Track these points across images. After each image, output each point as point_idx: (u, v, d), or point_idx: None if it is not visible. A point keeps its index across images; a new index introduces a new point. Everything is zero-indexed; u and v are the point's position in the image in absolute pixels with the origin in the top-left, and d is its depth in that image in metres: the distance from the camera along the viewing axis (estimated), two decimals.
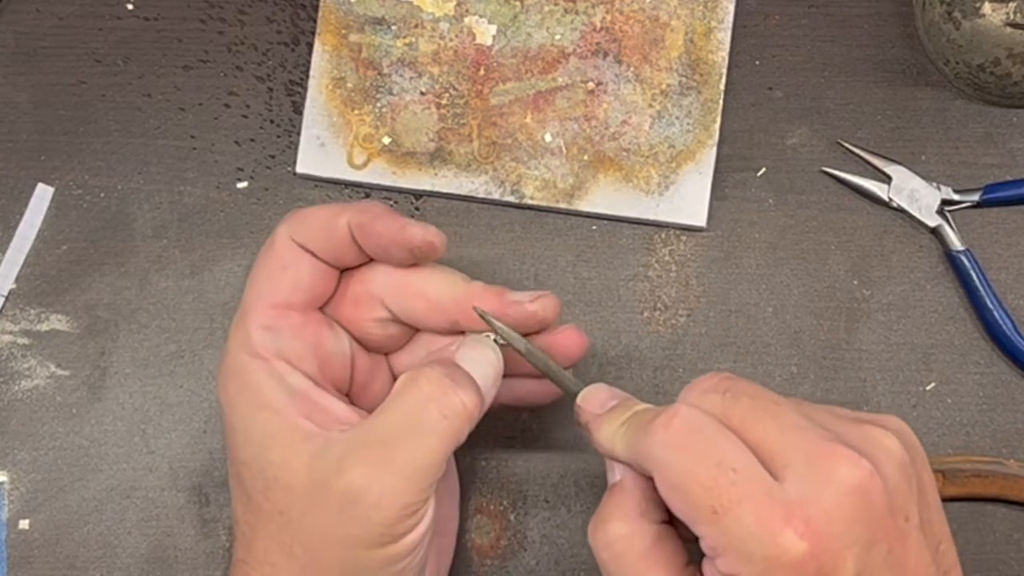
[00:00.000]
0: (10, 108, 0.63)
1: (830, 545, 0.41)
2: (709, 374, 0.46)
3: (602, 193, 0.61)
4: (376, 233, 0.51)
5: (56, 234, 0.62)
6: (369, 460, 0.47)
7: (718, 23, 0.62)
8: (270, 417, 0.48)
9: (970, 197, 0.62)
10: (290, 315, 0.51)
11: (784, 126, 0.63)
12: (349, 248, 0.51)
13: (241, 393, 0.49)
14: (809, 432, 0.43)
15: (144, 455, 0.61)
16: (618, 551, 0.46)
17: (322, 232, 0.51)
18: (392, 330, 0.53)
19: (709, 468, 0.42)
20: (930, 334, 0.62)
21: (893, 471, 0.43)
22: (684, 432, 0.43)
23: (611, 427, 0.47)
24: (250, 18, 0.63)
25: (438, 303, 0.51)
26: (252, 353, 0.49)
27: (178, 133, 0.63)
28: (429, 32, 0.62)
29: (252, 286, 0.51)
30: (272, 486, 0.48)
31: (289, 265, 0.51)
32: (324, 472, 0.47)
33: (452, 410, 0.47)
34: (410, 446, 0.47)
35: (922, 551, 0.44)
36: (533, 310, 0.51)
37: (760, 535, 0.41)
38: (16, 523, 0.61)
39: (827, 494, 0.42)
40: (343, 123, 0.62)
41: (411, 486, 0.47)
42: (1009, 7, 0.59)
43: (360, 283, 0.52)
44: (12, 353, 0.61)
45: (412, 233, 0.50)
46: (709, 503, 0.42)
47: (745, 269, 0.62)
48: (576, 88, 0.62)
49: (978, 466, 0.60)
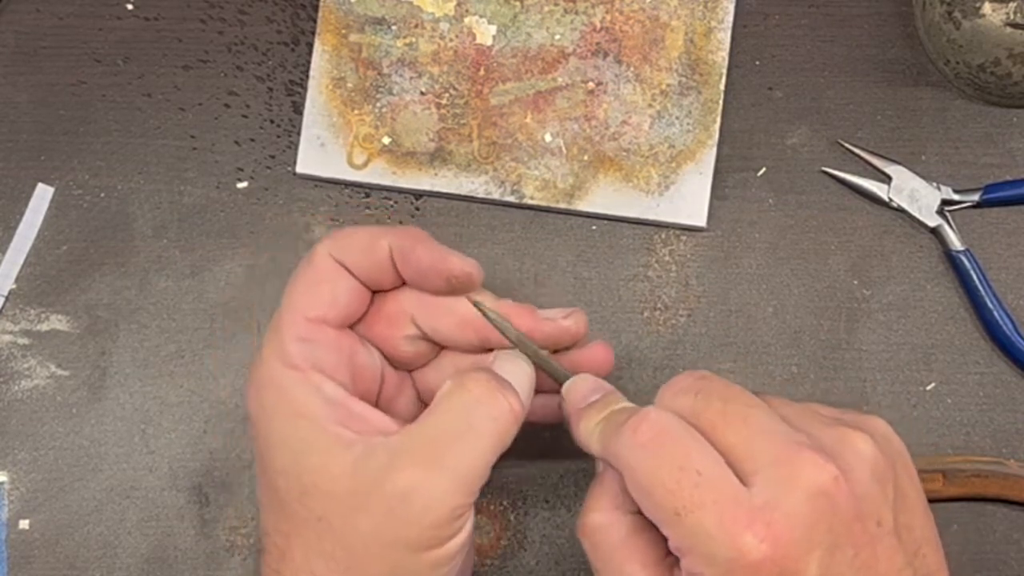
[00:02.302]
0: (10, 108, 0.63)
1: (791, 549, 0.42)
2: (685, 373, 0.47)
3: (602, 193, 0.61)
4: (416, 260, 0.51)
5: (56, 234, 0.62)
6: (419, 462, 0.47)
7: (718, 23, 0.62)
8: (307, 425, 0.48)
9: (970, 197, 0.62)
10: (325, 329, 0.50)
11: (784, 126, 0.63)
12: (387, 271, 0.52)
13: (277, 402, 0.49)
14: (778, 436, 0.43)
15: (144, 455, 0.61)
16: (597, 540, 0.47)
17: (362, 253, 0.51)
18: (421, 347, 0.53)
19: (672, 471, 0.43)
20: (930, 334, 0.62)
21: (864, 475, 0.43)
22: (651, 435, 0.44)
23: (589, 424, 0.48)
24: (250, 18, 0.63)
25: (469, 321, 0.52)
26: (288, 364, 0.49)
27: (178, 133, 0.63)
28: (429, 32, 0.62)
29: (289, 298, 0.51)
30: (311, 492, 0.48)
31: (327, 281, 0.51)
32: (370, 476, 0.47)
33: (501, 412, 0.48)
34: (460, 447, 0.47)
35: (894, 556, 0.44)
36: (567, 326, 0.52)
37: (720, 538, 0.42)
38: (16, 523, 0.61)
39: (790, 498, 0.42)
40: (343, 123, 0.62)
41: (461, 488, 0.47)
42: (1009, 7, 0.59)
43: (392, 301, 0.53)
44: (12, 353, 0.61)
45: (452, 263, 0.51)
46: (672, 505, 0.43)
47: (745, 269, 0.62)
48: (576, 88, 0.62)
49: (978, 466, 0.60)
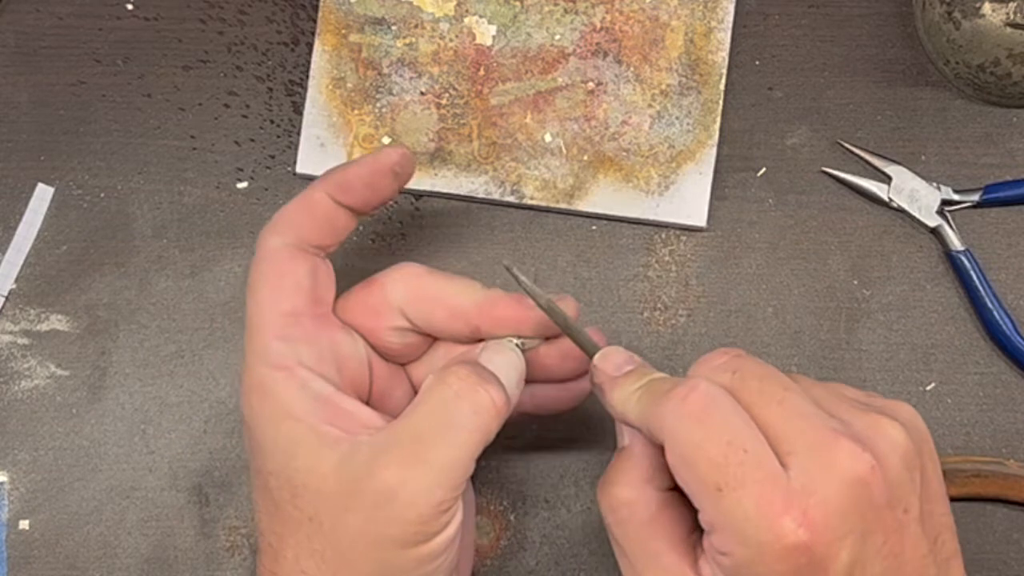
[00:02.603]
0: (10, 108, 0.63)
1: (825, 536, 0.41)
2: (719, 350, 0.46)
3: (602, 193, 0.61)
4: (355, 178, 0.51)
5: (56, 234, 0.62)
6: (402, 458, 0.47)
7: (718, 23, 0.62)
8: (294, 425, 0.48)
9: (970, 197, 0.62)
10: (302, 321, 0.50)
11: (784, 126, 0.63)
12: (337, 217, 0.52)
13: (264, 405, 0.49)
14: (815, 420, 0.43)
15: (144, 455, 0.61)
16: (623, 516, 0.46)
17: (306, 216, 0.51)
18: (410, 339, 0.53)
19: (720, 445, 0.42)
20: (930, 334, 0.62)
21: (896, 463, 0.43)
22: (700, 406, 0.43)
23: (625, 391, 0.47)
24: (250, 18, 0.63)
25: (459, 310, 0.51)
26: (272, 365, 0.49)
27: (178, 133, 0.63)
28: (429, 32, 0.62)
29: (255, 301, 0.51)
30: (300, 493, 0.48)
31: (286, 271, 0.51)
32: (355, 474, 0.47)
33: (482, 405, 0.48)
34: (443, 442, 0.47)
35: (919, 543, 0.44)
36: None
37: (758, 519, 0.41)
38: (16, 523, 0.61)
39: (827, 485, 0.42)
40: (343, 123, 0.62)
41: (444, 482, 0.47)
42: (1009, 7, 0.59)
43: (377, 292, 0.52)
44: (12, 353, 0.62)
45: (387, 155, 0.51)
46: (714, 480, 0.42)
47: (745, 269, 0.62)
48: (576, 88, 0.62)
49: (978, 466, 0.60)
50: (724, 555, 0.43)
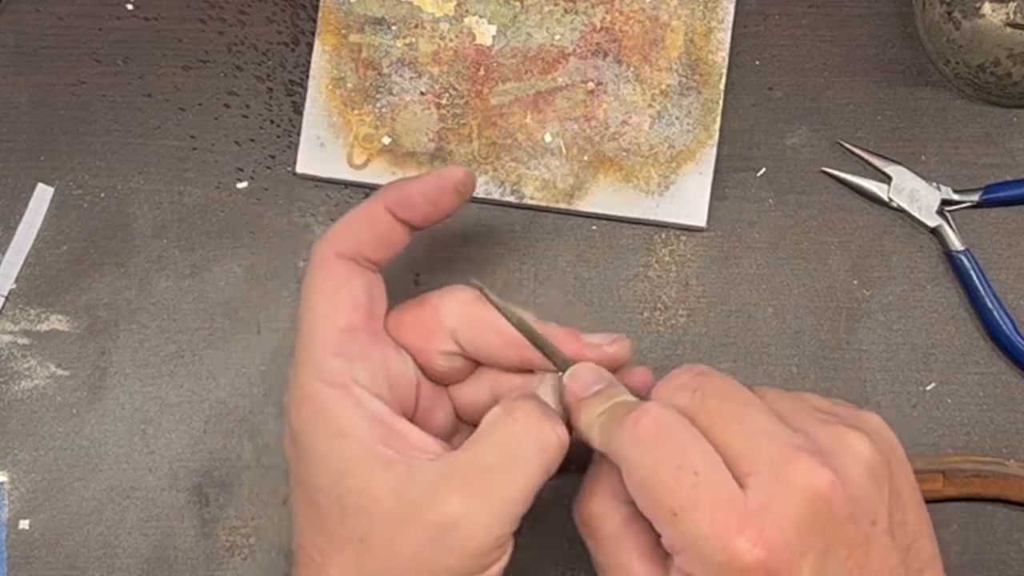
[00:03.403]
0: (10, 108, 0.63)
1: (783, 554, 0.41)
2: (683, 368, 0.46)
3: (602, 193, 0.61)
4: (418, 195, 0.51)
5: (56, 234, 0.62)
6: (465, 490, 0.46)
7: (718, 23, 0.62)
8: (349, 444, 0.48)
9: (970, 197, 0.62)
10: (358, 337, 0.50)
11: (784, 126, 0.63)
12: (395, 232, 0.51)
13: (317, 421, 0.48)
14: (775, 437, 0.43)
15: (144, 455, 0.61)
16: (594, 528, 0.47)
17: (366, 230, 0.51)
18: (457, 363, 0.52)
19: (671, 469, 0.43)
20: (930, 334, 0.62)
21: (860, 476, 0.43)
22: (651, 431, 0.44)
23: (591, 414, 0.47)
24: (250, 18, 0.63)
25: (512, 340, 0.51)
26: (327, 381, 0.49)
27: (178, 133, 0.63)
28: (429, 32, 0.62)
29: (311, 313, 0.50)
30: (352, 512, 0.47)
31: (343, 284, 0.50)
32: (414, 499, 0.46)
33: (548, 442, 0.47)
34: (508, 477, 0.47)
35: (888, 555, 0.44)
36: (611, 352, 0.51)
37: (714, 540, 0.42)
38: (16, 523, 0.61)
39: (785, 502, 0.42)
40: (343, 123, 0.62)
41: (505, 518, 0.47)
42: (1009, 7, 0.59)
43: (431, 314, 0.52)
44: (12, 353, 0.61)
45: (452, 173, 0.51)
46: (669, 504, 0.42)
47: (745, 269, 0.62)
48: (576, 88, 0.62)
49: (978, 466, 0.60)
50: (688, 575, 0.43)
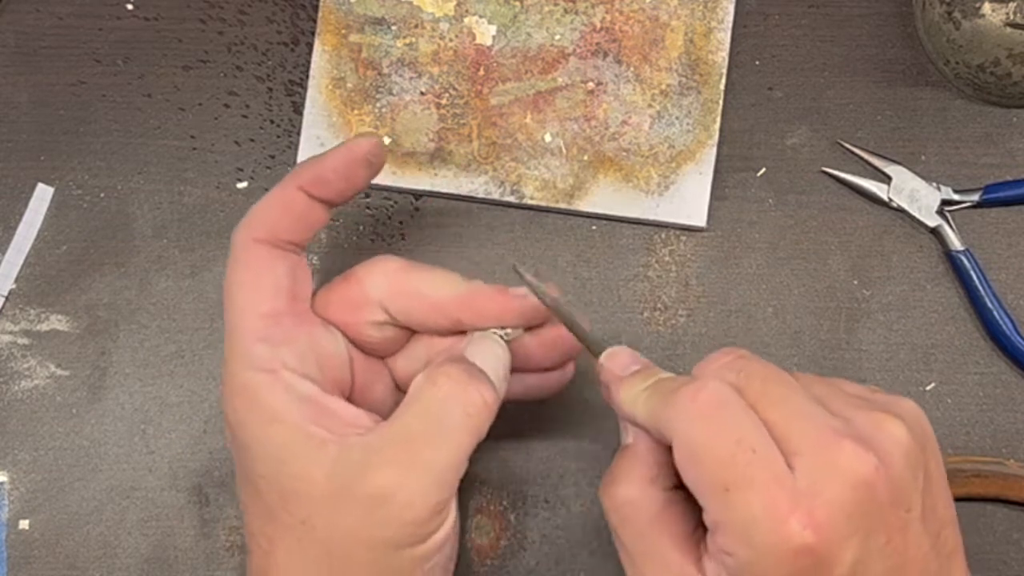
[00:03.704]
0: (10, 108, 0.63)
1: (830, 537, 0.41)
2: (723, 350, 0.46)
3: (602, 193, 0.61)
4: (331, 171, 0.51)
5: (56, 234, 0.62)
6: (395, 461, 0.47)
7: (718, 23, 0.62)
8: (282, 429, 0.48)
9: (970, 197, 0.62)
10: (282, 321, 0.50)
11: (784, 126, 0.63)
12: (312, 212, 0.51)
13: (250, 409, 0.49)
14: (818, 420, 0.43)
15: (144, 455, 0.61)
16: (627, 515, 0.46)
17: (282, 213, 0.51)
18: (389, 333, 0.53)
19: (729, 444, 0.42)
20: (930, 334, 0.62)
21: (899, 462, 0.43)
22: (710, 404, 0.43)
23: (633, 390, 0.47)
24: (250, 18, 0.63)
25: (439, 303, 0.51)
26: (255, 368, 0.49)
27: (178, 133, 0.63)
28: (429, 32, 0.62)
29: (234, 303, 0.50)
30: (291, 496, 0.48)
31: (263, 270, 0.50)
32: (347, 476, 0.47)
33: (474, 406, 0.48)
34: (436, 444, 0.47)
35: (921, 540, 0.44)
36: (535, 303, 0.51)
37: (764, 521, 0.41)
38: (16, 523, 0.61)
39: (832, 486, 0.42)
40: (343, 123, 0.62)
41: (440, 484, 0.47)
42: (1009, 7, 0.59)
43: (355, 287, 0.52)
44: (12, 353, 0.62)
45: (359, 145, 0.51)
46: (722, 479, 0.42)
47: (745, 269, 0.62)
48: (576, 88, 0.62)
49: (978, 466, 0.60)
50: (728, 555, 0.42)
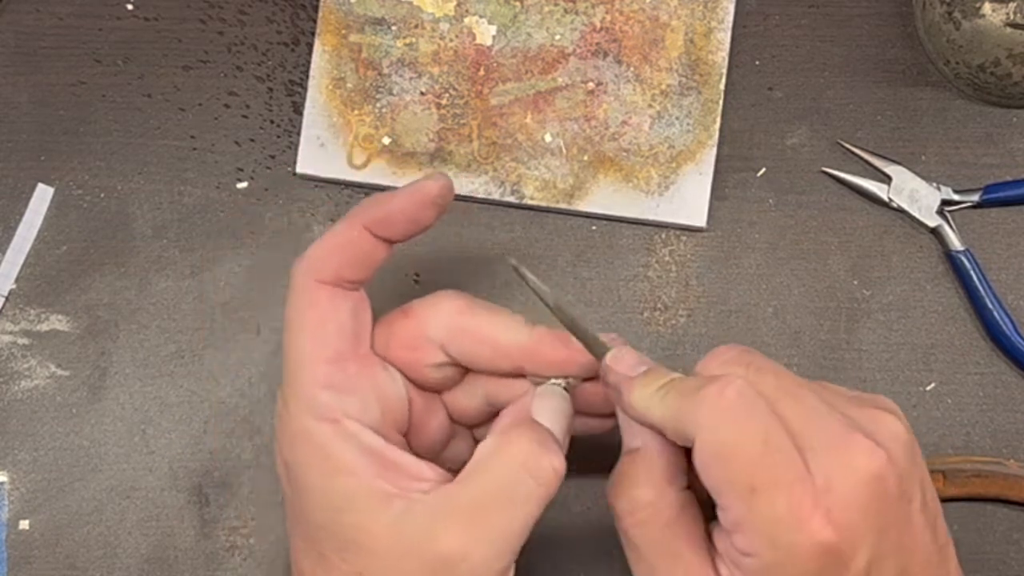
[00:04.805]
0: (10, 108, 0.63)
1: (849, 534, 0.42)
2: (726, 346, 0.46)
3: (602, 193, 0.61)
4: (398, 213, 0.50)
5: (56, 234, 0.62)
6: (464, 526, 0.46)
7: (718, 23, 0.62)
8: (345, 481, 0.47)
9: (970, 197, 0.62)
10: (347, 367, 0.49)
11: (784, 126, 0.63)
12: (375, 251, 0.50)
13: (312, 457, 0.48)
14: (829, 417, 0.43)
15: (144, 455, 0.61)
16: (644, 518, 0.45)
17: (346, 253, 0.50)
18: (449, 373, 0.52)
19: (757, 444, 0.42)
20: (930, 334, 0.62)
21: (901, 455, 0.43)
22: (737, 403, 0.43)
23: (646, 390, 0.46)
24: (250, 18, 0.63)
25: (503, 350, 0.50)
26: (319, 417, 0.48)
27: (178, 133, 0.63)
28: (429, 32, 0.62)
29: (297, 347, 0.49)
30: (350, 548, 0.47)
31: (327, 313, 0.49)
32: (412, 536, 0.46)
33: (545, 477, 0.47)
34: (506, 514, 0.46)
35: (923, 531, 0.44)
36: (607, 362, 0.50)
37: (789, 521, 0.41)
38: (16, 523, 0.61)
39: (848, 483, 0.42)
40: (343, 123, 0.62)
41: (506, 552, 0.46)
42: (1009, 7, 0.59)
43: (415, 327, 0.51)
44: (12, 353, 0.61)
45: (429, 188, 0.50)
46: (750, 479, 0.42)
47: (745, 269, 0.62)
48: (576, 88, 0.62)
49: (978, 466, 0.60)
50: (748, 556, 0.42)
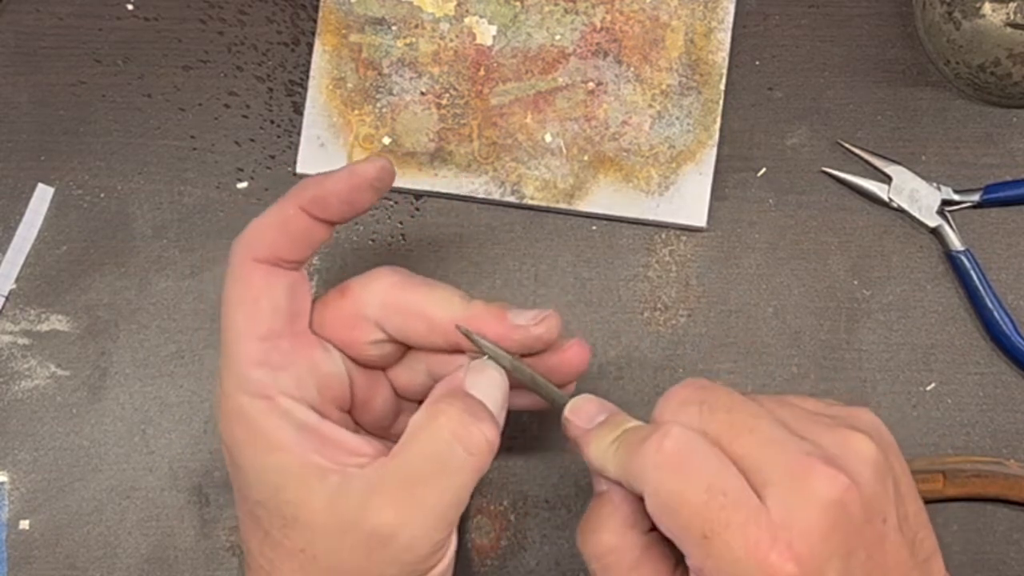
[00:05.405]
0: (10, 108, 0.63)
1: (811, 564, 0.41)
2: (684, 383, 0.46)
3: (602, 193, 0.61)
4: (332, 195, 0.50)
5: (56, 234, 0.62)
6: (397, 501, 0.46)
7: (718, 23, 0.62)
8: (281, 457, 0.47)
9: (970, 197, 0.62)
10: (280, 344, 0.49)
11: (784, 126, 0.63)
12: (313, 231, 0.50)
13: (247, 435, 0.48)
14: (787, 446, 0.43)
15: (144, 455, 0.61)
16: (609, 563, 0.46)
17: (282, 232, 0.50)
18: (388, 349, 0.52)
19: (700, 492, 0.42)
20: (930, 334, 0.62)
21: (869, 477, 0.43)
22: (675, 453, 0.43)
23: (601, 444, 0.46)
24: (250, 18, 0.63)
25: (438, 325, 0.50)
26: (252, 393, 0.48)
27: (178, 133, 0.63)
28: (429, 32, 0.62)
29: (231, 324, 0.49)
30: (291, 524, 0.47)
31: (262, 291, 0.49)
32: (348, 511, 0.46)
33: (477, 446, 0.47)
34: (438, 485, 0.47)
35: (900, 549, 0.44)
36: (538, 333, 0.50)
37: (747, 561, 0.41)
38: (16, 523, 0.61)
39: (807, 513, 0.42)
40: (343, 123, 0.62)
41: (441, 524, 0.47)
42: (1009, 7, 0.59)
43: (352, 305, 0.51)
44: (12, 353, 0.61)
45: (365, 170, 0.50)
46: (699, 527, 0.42)
47: (745, 269, 0.62)
48: (576, 88, 0.62)
49: (978, 466, 0.60)
50: None
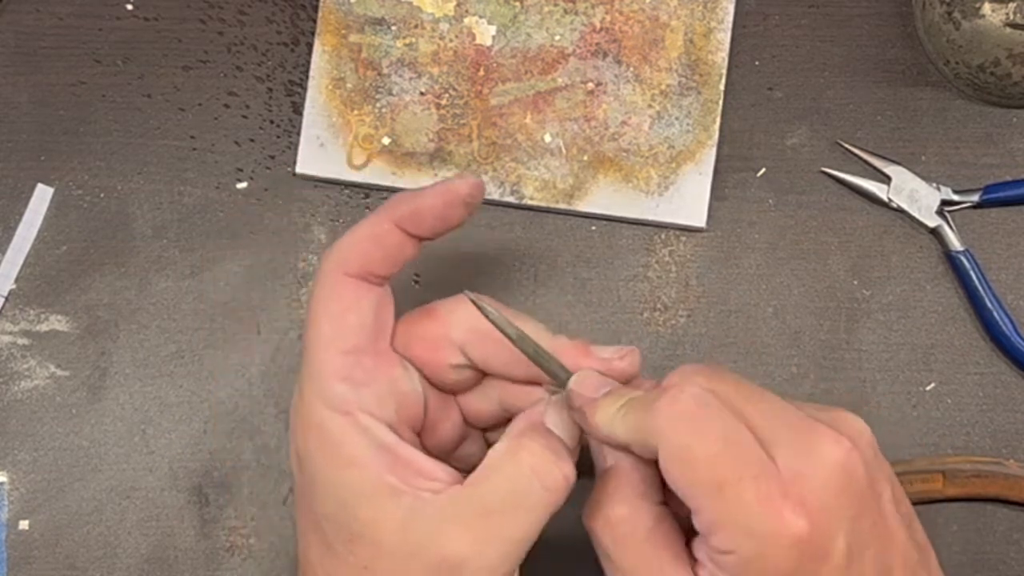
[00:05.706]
0: (10, 108, 0.63)
1: (823, 521, 0.42)
2: (688, 364, 0.46)
3: (602, 193, 0.61)
4: (427, 210, 0.50)
5: (56, 234, 0.62)
6: (472, 530, 0.46)
7: (718, 23, 0.62)
8: (356, 474, 0.47)
9: (970, 197, 0.62)
10: (364, 360, 0.49)
11: (784, 126, 0.63)
12: (404, 247, 0.50)
13: (323, 448, 0.48)
14: (791, 412, 0.44)
15: (144, 455, 0.61)
16: (621, 534, 0.46)
17: (375, 247, 0.50)
18: (466, 374, 0.52)
19: (715, 442, 0.43)
20: (930, 334, 0.62)
21: (867, 449, 0.44)
22: (691, 407, 0.43)
23: (609, 410, 0.47)
24: (250, 18, 0.63)
25: (521, 356, 0.50)
26: (333, 407, 0.48)
27: (178, 133, 0.63)
28: (429, 32, 0.62)
29: (317, 337, 0.49)
30: (357, 541, 0.47)
31: (350, 306, 0.49)
32: (419, 535, 0.46)
33: (555, 483, 0.47)
34: (515, 519, 0.46)
35: (899, 527, 0.45)
36: (622, 368, 0.50)
37: (761, 512, 0.42)
38: (16, 523, 0.61)
39: (816, 472, 0.43)
40: (343, 123, 0.62)
41: (511, 558, 0.46)
42: (1009, 7, 0.59)
43: (437, 327, 0.51)
44: (12, 353, 0.61)
45: (459, 187, 0.50)
46: (713, 478, 0.42)
47: (745, 269, 0.62)
48: (576, 88, 0.62)
49: (978, 466, 0.60)
50: (727, 554, 0.43)
